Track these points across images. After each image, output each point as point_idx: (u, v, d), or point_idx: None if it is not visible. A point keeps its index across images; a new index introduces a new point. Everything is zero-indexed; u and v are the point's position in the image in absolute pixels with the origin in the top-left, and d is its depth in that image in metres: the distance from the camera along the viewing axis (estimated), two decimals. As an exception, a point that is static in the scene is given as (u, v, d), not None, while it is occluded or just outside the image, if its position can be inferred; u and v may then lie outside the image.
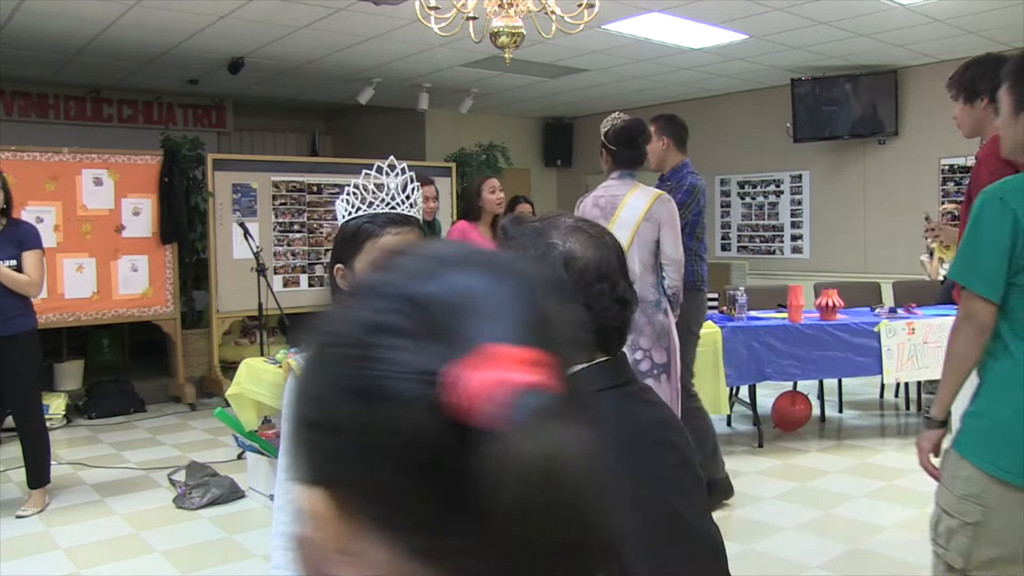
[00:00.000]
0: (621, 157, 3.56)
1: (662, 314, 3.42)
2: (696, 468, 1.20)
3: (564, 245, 1.13)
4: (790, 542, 3.59)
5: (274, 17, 5.95)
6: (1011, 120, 2.06)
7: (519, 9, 3.84)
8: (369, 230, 1.43)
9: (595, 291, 1.11)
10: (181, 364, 6.64)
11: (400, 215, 1.46)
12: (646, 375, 3.35)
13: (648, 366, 3.38)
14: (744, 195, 9.38)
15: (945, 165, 7.73)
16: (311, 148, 11.00)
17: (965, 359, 1.94)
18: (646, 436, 1.13)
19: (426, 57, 7.23)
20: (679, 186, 3.91)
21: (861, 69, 7.86)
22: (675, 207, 3.53)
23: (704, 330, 4.89)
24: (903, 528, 3.72)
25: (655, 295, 3.43)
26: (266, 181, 7.03)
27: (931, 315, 5.33)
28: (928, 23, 6.29)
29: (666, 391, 3.38)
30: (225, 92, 9.12)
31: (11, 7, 5.51)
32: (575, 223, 1.17)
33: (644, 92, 9.10)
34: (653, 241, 3.45)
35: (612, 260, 1.14)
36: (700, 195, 3.93)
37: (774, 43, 6.93)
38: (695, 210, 3.90)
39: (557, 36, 4.29)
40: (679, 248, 3.45)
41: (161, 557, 3.53)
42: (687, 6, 5.77)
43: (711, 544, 1.14)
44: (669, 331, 3.41)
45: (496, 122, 10.30)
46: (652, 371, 3.38)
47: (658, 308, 3.43)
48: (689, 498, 1.13)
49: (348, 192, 1.46)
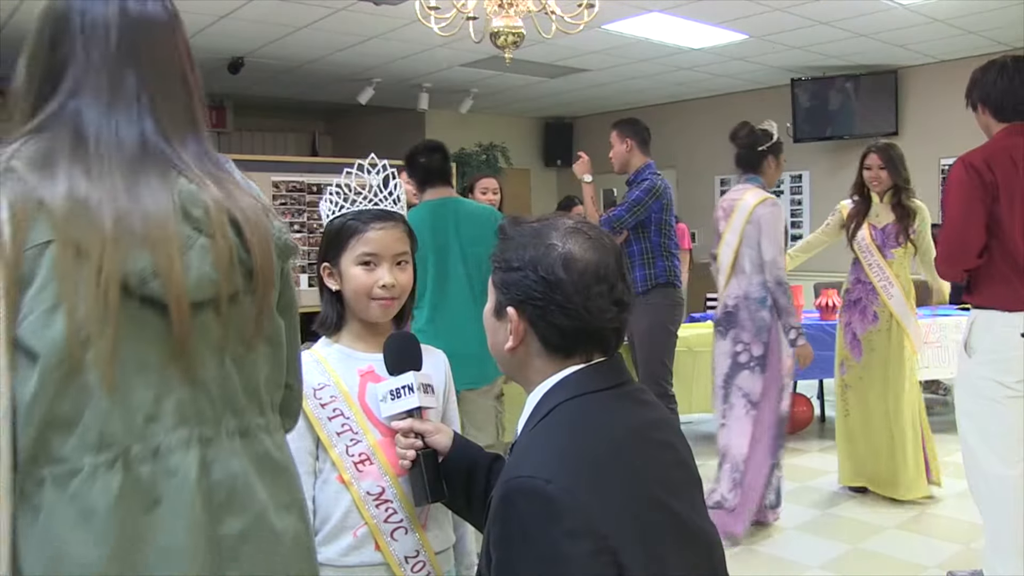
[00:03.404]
0: (738, 160, 3.82)
1: (766, 311, 3.57)
2: (692, 467, 1.20)
3: (564, 247, 1.13)
4: (790, 542, 3.58)
5: (274, 17, 5.95)
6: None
7: (519, 9, 3.84)
8: (353, 227, 1.44)
9: (593, 293, 1.11)
10: (181, 364, 6.63)
11: (384, 211, 1.47)
12: (743, 367, 3.59)
13: (746, 358, 3.59)
14: (744, 195, 9.37)
15: (945, 165, 7.73)
16: (311, 148, 11.00)
17: None
18: (642, 435, 1.13)
19: (426, 57, 7.23)
20: (640, 186, 4.00)
21: (861, 69, 7.86)
22: (777, 211, 3.64)
23: (704, 330, 4.90)
24: (903, 528, 3.72)
25: (761, 293, 3.57)
26: (266, 181, 7.02)
27: (931, 315, 5.32)
28: (928, 23, 6.29)
29: (759, 382, 3.57)
30: (225, 92, 9.12)
31: (11, 7, 5.51)
32: (574, 225, 1.17)
33: (644, 92, 9.10)
34: (757, 242, 3.59)
35: (611, 262, 1.14)
36: (660, 194, 4.00)
37: (774, 43, 6.93)
38: (656, 207, 3.98)
39: (557, 36, 4.29)
40: (771, 251, 3.55)
41: (161, 557, 3.52)
42: (687, 6, 5.77)
43: (707, 543, 1.14)
44: (771, 327, 3.57)
45: (496, 122, 10.30)
46: (749, 363, 3.58)
47: (763, 305, 3.57)
48: (685, 497, 1.13)
49: (331, 192, 1.47)
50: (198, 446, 0.94)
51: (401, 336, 1.47)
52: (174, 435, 0.93)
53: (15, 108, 1.02)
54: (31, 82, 1.02)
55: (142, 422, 0.91)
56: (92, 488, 0.88)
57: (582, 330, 1.13)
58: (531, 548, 1.00)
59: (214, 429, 0.97)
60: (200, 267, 0.96)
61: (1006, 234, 2.45)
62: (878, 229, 4.06)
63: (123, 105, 0.99)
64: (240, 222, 1.01)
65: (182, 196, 0.97)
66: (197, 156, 1.04)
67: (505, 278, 1.16)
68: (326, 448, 1.41)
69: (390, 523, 1.40)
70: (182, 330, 0.94)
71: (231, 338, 1.00)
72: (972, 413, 2.53)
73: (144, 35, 1.04)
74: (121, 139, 0.98)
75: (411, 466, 1.36)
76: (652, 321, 3.90)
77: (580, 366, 1.14)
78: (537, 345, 1.15)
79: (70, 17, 1.02)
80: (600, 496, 1.02)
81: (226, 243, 0.99)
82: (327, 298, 1.50)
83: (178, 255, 0.94)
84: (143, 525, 0.90)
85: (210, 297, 0.97)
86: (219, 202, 0.99)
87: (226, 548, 0.95)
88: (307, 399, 1.40)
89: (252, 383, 1.03)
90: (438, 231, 3.23)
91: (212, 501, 0.94)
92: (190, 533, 0.92)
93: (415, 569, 1.41)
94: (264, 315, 1.04)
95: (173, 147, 1.01)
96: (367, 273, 1.43)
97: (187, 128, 1.05)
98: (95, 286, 0.89)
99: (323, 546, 1.40)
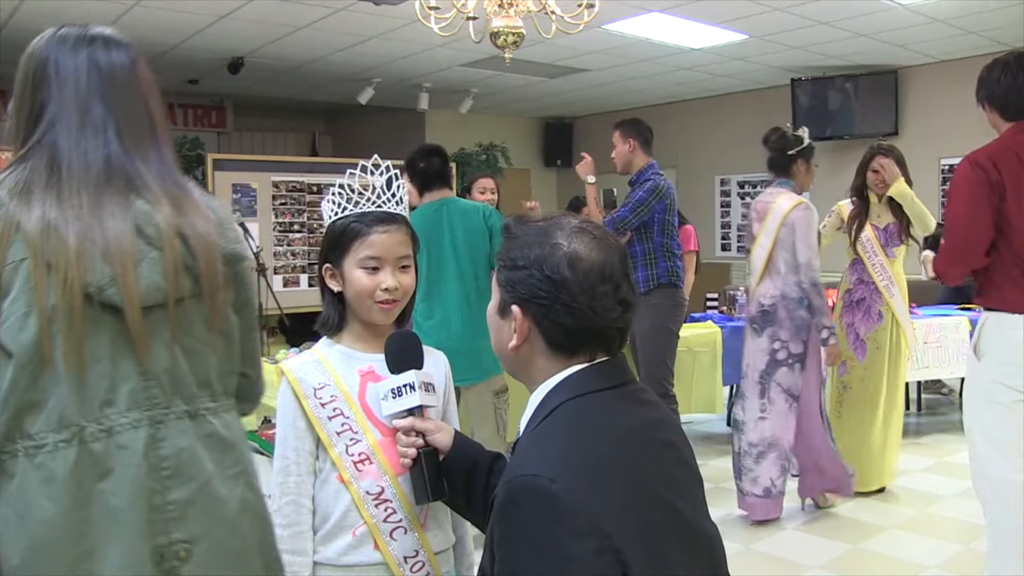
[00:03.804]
0: (769, 163, 3.91)
1: (803, 310, 3.70)
2: (694, 467, 1.20)
3: (569, 246, 1.12)
4: (790, 542, 3.59)
5: (274, 17, 5.95)
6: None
7: (519, 9, 3.84)
8: (357, 229, 1.43)
9: (599, 292, 1.11)
10: (181, 364, 6.63)
11: (387, 213, 1.46)
12: (781, 363, 3.72)
13: (784, 355, 3.72)
14: (744, 195, 9.38)
15: (945, 165, 7.74)
16: (311, 148, 11.00)
17: None
18: (644, 435, 1.13)
19: (426, 57, 7.24)
20: (643, 187, 4.00)
21: (861, 69, 7.86)
22: (810, 215, 3.71)
23: (704, 330, 4.91)
24: (903, 528, 3.72)
25: (798, 293, 3.69)
26: (266, 181, 7.03)
27: (931, 315, 5.33)
28: (928, 23, 6.29)
29: (797, 379, 3.73)
30: (225, 92, 9.13)
31: (11, 7, 5.51)
32: (580, 224, 1.17)
33: (644, 92, 9.10)
34: (792, 244, 3.69)
35: (616, 262, 1.14)
36: (664, 194, 3.99)
37: (774, 43, 6.93)
38: (659, 208, 3.99)
39: (557, 36, 4.29)
40: (805, 253, 3.66)
41: (161, 557, 3.52)
42: (687, 6, 5.77)
43: (709, 543, 1.14)
44: (809, 326, 3.71)
45: (496, 122, 10.30)
46: (787, 360, 3.72)
47: (800, 305, 3.70)
48: (687, 497, 1.13)
49: (334, 192, 1.46)
50: (148, 426, 1.15)
51: (403, 335, 1.46)
52: (126, 417, 1.14)
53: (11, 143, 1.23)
54: (19, 121, 1.23)
55: (98, 407, 1.12)
56: (54, 459, 1.10)
57: (587, 330, 1.12)
58: (535, 547, 1.00)
59: (164, 412, 1.17)
60: (150, 276, 1.16)
61: (1015, 233, 2.41)
62: (880, 229, 4.10)
63: (91, 133, 1.20)
64: (188, 236, 1.20)
65: (137, 216, 1.17)
66: (160, 174, 1.23)
67: (510, 276, 1.15)
68: (326, 448, 1.41)
69: (389, 523, 1.40)
70: (135, 329, 1.14)
71: (181, 334, 1.19)
72: (979, 416, 2.52)
73: (108, 76, 1.24)
74: (89, 163, 1.18)
75: (412, 464, 1.36)
76: (654, 322, 3.90)
77: (583, 365, 1.14)
78: (541, 344, 1.15)
79: (47, 67, 1.22)
80: (603, 495, 1.02)
81: (173, 255, 1.18)
82: (328, 299, 1.49)
83: (132, 267, 1.14)
84: (95, 489, 1.11)
85: (159, 301, 1.17)
86: (169, 219, 1.19)
87: (172, 512, 1.14)
88: (307, 399, 1.41)
89: (203, 373, 1.22)
90: (431, 231, 3.28)
91: (160, 472, 1.14)
92: (136, 497, 1.12)
93: (414, 569, 1.40)
94: (215, 313, 1.23)
95: (137, 167, 1.21)
96: (370, 276, 1.42)
97: (150, 149, 1.24)
98: (62, 294, 1.10)
99: (322, 545, 1.40)
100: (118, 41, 1.28)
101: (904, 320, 4.10)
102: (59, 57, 1.22)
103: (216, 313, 1.23)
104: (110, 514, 1.11)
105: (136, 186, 1.19)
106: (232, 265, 1.28)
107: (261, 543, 1.28)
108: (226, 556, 1.19)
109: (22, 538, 1.08)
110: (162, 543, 1.13)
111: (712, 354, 4.82)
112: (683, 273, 4.15)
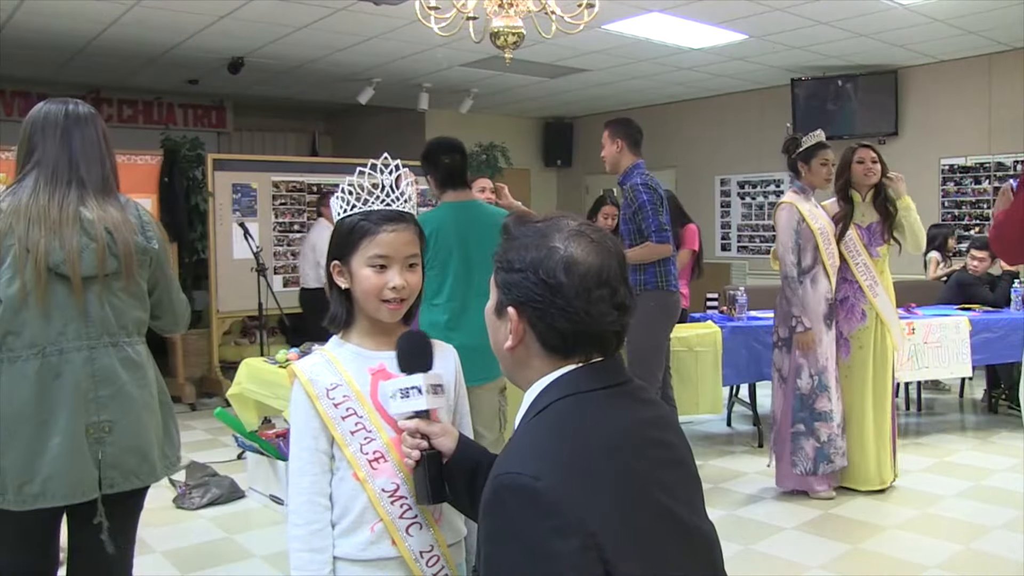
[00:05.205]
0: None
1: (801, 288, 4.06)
2: (691, 466, 1.20)
3: (566, 250, 1.12)
4: (790, 542, 3.58)
5: (274, 17, 5.95)
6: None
7: (519, 9, 3.84)
8: (365, 227, 1.44)
9: (595, 296, 1.11)
10: (181, 364, 6.64)
11: (396, 212, 1.46)
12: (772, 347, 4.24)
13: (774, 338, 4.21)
14: (744, 195, 9.38)
15: (945, 165, 7.74)
16: (311, 148, 11.00)
17: None
18: (638, 434, 1.13)
19: (426, 57, 7.24)
20: (635, 191, 4.01)
21: (861, 69, 7.86)
22: (784, 214, 4.04)
23: (704, 330, 4.90)
24: (903, 528, 3.72)
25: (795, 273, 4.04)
26: (266, 181, 7.03)
27: (931, 315, 5.33)
28: (928, 23, 6.29)
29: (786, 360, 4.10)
30: (225, 92, 9.13)
31: (11, 7, 5.51)
32: (578, 226, 1.16)
33: (644, 92, 9.11)
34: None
35: (613, 265, 1.14)
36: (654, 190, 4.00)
37: (774, 43, 6.94)
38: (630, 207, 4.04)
39: (557, 36, 4.29)
40: (780, 248, 4.07)
41: (161, 557, 3.52)
42: (687, 6, 5.78)
43: (706, 543, 1.14)
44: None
45: (496, 122, 10.30)
46: (777, 343, 4.17)
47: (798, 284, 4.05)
48: (682, 496, 1.13)
49: (343, 190, 1.46)
50: (86, 350, 1.93)
51: (413, 336, 1.47)
52: (72, 343, 1.92)
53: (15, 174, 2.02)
54: (19, 159, 2.03)
55: (55, 335, 1.91)
56: (26, 365, 1.89)
57: (582, 333, 1.12)
58: (519, 544, 1.01)
59: (96, 341, 1.95)
60: (89, 260, 1.93)
61: None
62: (863, 228, 4.15)
63: (63, 167, 1.97)
64: (113, 233, 1.97)
65: (83, 221, 1.94)
66: (103, 195, 2.00)
67: (507, 279, 1.16)
68: (340, 447, 1.42)
69: (405, 519, 1.42)
70: (77, 291, 1.92)
71: (107, 295, 1.97)
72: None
73: (76, 128, 2.01)
74: (60, 186, 1.96)
75: (415, 466, 1.38)
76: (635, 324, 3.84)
77: (576, 365, 1.15)
78: (536, 346, 1.15)
79: (36, 120, 2.01)
80: (589, 493, 1.02)
81: (101, 245, 1.94)
82: (336, 296, 1.50)
83: (77, 253, 1.92)
84: (52, 384, 1.90)
85: (93, 275, 1.94)
86: (103, 221, 1.96)
87: (100, 403, 1.94)
88: (320, 399, 1.43)
89: (123, 319, 2.01)
90: (465, 234, 3.28)
91: (92, 377, 1.93)
92: (75, 390, 1.91)
93: (429, 563, 1.43)
94: (129, 282, 2.01)
95: (89, 191, 1.98)
96: (377, 275, 1.43)
97: (99, 182, 2.01)
98: (34, 268, 1.88)
99: (341, 539, 1.42)
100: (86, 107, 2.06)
101: (890, 319, 4.13)
102: (45, 118, 2.00)
103: (130, 282, 2.01)
104: (60, 400, 1.89)
105: (86, 203, 1.96)
106: (146, 254, 2.05)
107: (158, 433, 2.07)
108: (135, 435, 1.99)
109: (5, 409, 1.87)
110: (93, 420, 1.92)
111: (713, 354, 4.82)
112: (674, 275, 4.11)
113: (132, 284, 2.00)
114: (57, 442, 1.87)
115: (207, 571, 3.39)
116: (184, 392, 6.56)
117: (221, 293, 6.68)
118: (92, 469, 1.91)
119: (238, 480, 4.31)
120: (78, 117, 2.01)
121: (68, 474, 1.88)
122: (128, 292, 2.00)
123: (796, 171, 4.15)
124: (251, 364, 4.26)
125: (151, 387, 2.04)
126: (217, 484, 4.20)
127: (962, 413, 5.97)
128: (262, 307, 6.00)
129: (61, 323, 1.90)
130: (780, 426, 4.14)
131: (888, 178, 4.11)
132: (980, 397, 6.13)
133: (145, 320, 2.08)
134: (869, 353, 4.12)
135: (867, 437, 4.11)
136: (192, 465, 4.45)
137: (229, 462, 4.84)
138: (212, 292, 6.71)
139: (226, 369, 6.58)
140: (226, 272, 6.67)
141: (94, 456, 1.91)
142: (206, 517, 4.00)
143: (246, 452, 4.48)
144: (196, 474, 4.29)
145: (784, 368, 4.11)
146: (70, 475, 1.88)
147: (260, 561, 3.47)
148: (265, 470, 4.17)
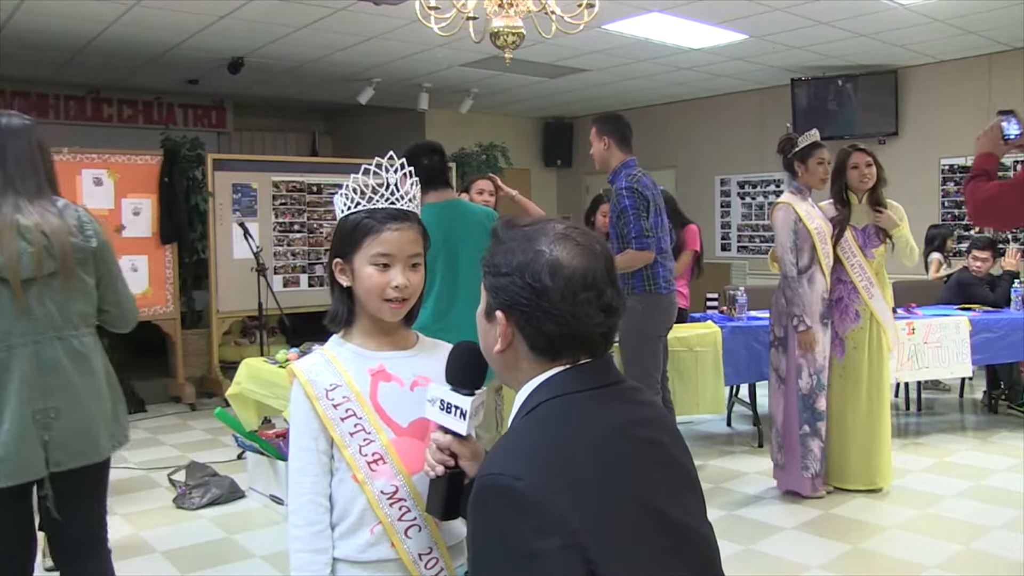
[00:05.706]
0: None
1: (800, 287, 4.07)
2: (685, 466, 1.19)
3: (551, 253, 1.13)
4: (790, 542, 3.58)
5: (274, 17, 5.95)
6: None
7: (519, 9, 3.84)
8: (369, 225, 1.43)
9: (580, 299, 1.11)
10: (181, 364, 6.64)
11: (399, 210, 1.45)
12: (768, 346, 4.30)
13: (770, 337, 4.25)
14: (744, 195, 9.38)
15: (945, 165, 7.74)
16: (311, 148, 11.00)
17: None
18: (627, 433, 1.13)
19: (426, 57, 7.24)
20: (620, 194, 3.95)
21: (861, 69, 7.86)
22: (780, 215, 4.05)
23: (704, 330, 4.90)
24: (903, 528, 3.72)
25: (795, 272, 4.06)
26: (266, 181, 7.03)
27: (931, 315, 5.33)
28: (928, 23, 6.29)
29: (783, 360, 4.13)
30: (225, 92, 9.13)
31: (11, 7, 5.51)
32: (564, 230, 1.17)
33: (644, 92, 9.10)
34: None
35: (599, 268, 1.14)
36: (640, 192, 3.93)
37: (774, 43, 6.93)
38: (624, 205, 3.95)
39: (557, 36, 4.29)
40: (778, 249, 4.08)
41: (161, 557, 3.53)
42: (687, 6, 5.78)
43: (701, 543, 1.14)
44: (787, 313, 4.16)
45: (496, 122, 10.30)
46: (774, 343, 4.20)
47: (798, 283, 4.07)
48: (673, 495, 1.13)
49: (347, 187, 1.45)
50: (32, 344, 2.14)
51: (471, 350, 1.34)
52: (19, 339, 2.13)
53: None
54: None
55: (3, 334, 2.11)
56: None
57: (569, 335, 1.13)
58: (501, 544, 1.02)
59: (41, 336, 2.16)
60: (27, 263, 2.13)
61: None
62: (858, 230, 4.17)
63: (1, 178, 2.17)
64: (49, 236, 2.16)
65: (20, 227, 2.13)
66: (40, 198, 2.19)
67: (494, 283, 1.17)
68: (339, 448, 1.41)
69: (404, 521, 1.41)
70: (17, 293, 2.12)
71: (47, 294, 2.17)
72: None
73: (9, 141, 2.19)
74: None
75: (435, 478, 1.33)
76: (626, 327, 3.82)
77: (564, 367, 1.15)
78: (524, 348, 1.16)
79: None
80: (571, 493, 1.02)
81: (38, 249, 2.14)
82: (337, 294, 1.49)
83: (16, 258, 2.11)
84: (2, 378, 2.11)
85: (32, 277, 2.13)
86: (40, 226, 2.15)
87: (47, 390, 2.16)
88: (319, 400, 1.42)
89: (68, 314, 2.21)
90: (449, 232, 3.27)
91: (39, 370, 2.15)
92: (22, 382, 2.13)
93: (428, 566, 1.42)
94: (68, 280, 2.19)
95: (25, 199, 2.17)
96: (380, 273, 1.42)
97: (35, 190, 2.20)
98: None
99: (341, 541, 1.41)
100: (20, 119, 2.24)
101: (885, 319, 4.14)
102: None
103: (69, 280, 2.19)
104: (10, 391, 2.11)
105: (22, 210, 2.15)
106: (84, 252, 2.23)
107: (105, 416, 2.27)
108: (81, 418, 2.20)
109: None
110: (39, 407, 2.14)
111: (713, 354, 4.82)
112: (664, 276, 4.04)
113: (75, 280, 2.21)
114: (6, 428, 2.10)
115: (207, 571, 3.39)
116: (184, 392, 6.56)
117: (221, 293, 6.68)
118: (39, 450, 2.14)
119: (238, 480, 4.31)
120: (11, 130, 2.19)
121: (16, 457, 2.11)
122: (71, 288, 2.20)
123: (792, 171, 4.14)
124: (251, 364, 4.26)
125: (97, 373, 2.26)
126: (217, 484, 4.20)
127: (962, 413, 5.97)
128: (262, 307, 6.00)
129: (7, 323, 2.12)
130: (787, 429, 4.11)
131: (878, 211, 4.12)
132: (980, 397, 6.13)
133: (91, 313, 2.28)
134: (864, 354, 4.13)
135: (852, 436, 4.12)
136: (192, 465, 4.45)
137: (229, 462, 4.84)
138: (212, 292, 6.71)
139: (226, 369, 6.58)
140: (226, 272, 6.67)
141: (40, 439, 2.13)
142: (206, 517, 4.00)
143: (246, 452, 4.48)
144: (196, 474, 4.29)
145: (781, 368, 4.12)
146: (18, 457, 2.11)
147: (260, 561, 3.47)
148: (265, 470, 4.17)
